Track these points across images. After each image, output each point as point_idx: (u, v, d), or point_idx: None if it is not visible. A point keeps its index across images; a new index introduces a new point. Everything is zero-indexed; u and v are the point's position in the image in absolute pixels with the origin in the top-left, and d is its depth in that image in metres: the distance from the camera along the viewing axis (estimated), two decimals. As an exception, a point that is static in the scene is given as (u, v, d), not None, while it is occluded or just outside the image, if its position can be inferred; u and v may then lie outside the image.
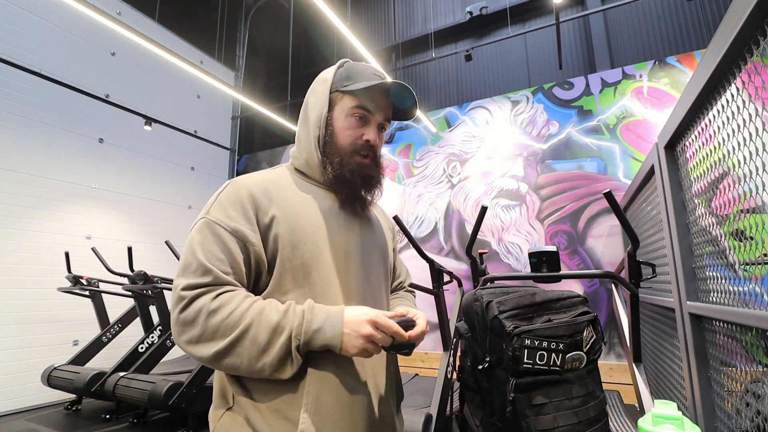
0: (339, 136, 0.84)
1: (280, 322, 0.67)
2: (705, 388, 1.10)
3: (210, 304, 0.67)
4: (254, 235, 0.74)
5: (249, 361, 0.66)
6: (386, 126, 0.89)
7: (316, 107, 0.85)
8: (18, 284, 3.72)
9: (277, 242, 0.74)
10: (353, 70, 0.85)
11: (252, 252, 0.73)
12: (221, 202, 0.75)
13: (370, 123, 0.85)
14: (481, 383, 1.01)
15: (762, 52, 0.73)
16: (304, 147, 0.86)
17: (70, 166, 4.24)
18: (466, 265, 4.38)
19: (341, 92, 0.84)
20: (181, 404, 2.72)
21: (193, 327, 0.66)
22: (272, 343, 0.67)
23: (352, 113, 0.83)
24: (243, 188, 0.76)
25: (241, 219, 0.74)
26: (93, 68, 4.55)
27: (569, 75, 4.97)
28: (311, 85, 0.89)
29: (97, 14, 2.94)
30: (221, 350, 0.66)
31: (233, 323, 0.66)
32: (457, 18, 5.92)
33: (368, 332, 0.68)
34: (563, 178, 4.13)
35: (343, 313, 0.70)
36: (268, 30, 7.24)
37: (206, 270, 0.69)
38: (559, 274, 1.25)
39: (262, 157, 6.41)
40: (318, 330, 0.68)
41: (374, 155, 0.87)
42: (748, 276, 0.89)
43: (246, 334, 0.66)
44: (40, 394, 3.68)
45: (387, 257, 0.93)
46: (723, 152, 0.95)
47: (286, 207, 0.78)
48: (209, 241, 0.71)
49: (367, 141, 0.84)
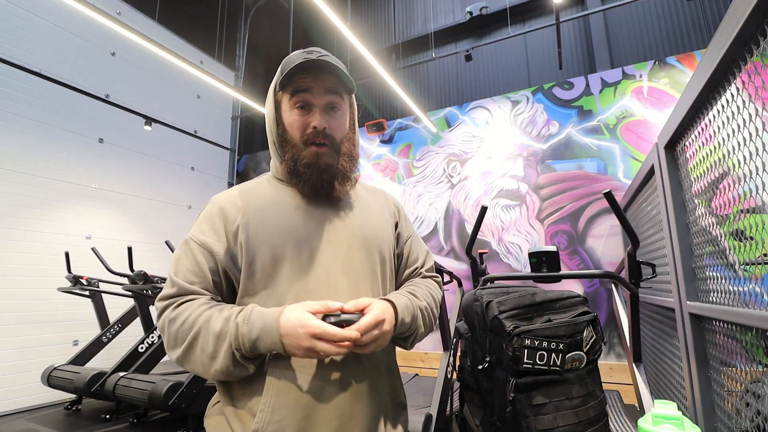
0: (290, 133, 0.83)
1: (221, 329, 0.69)
2: (705, 388, 1.10)
3: (171, 314, 0.73)
4: (219, 245, 0.77)
5: (203, 367, 0.70)
6: (338, 104, 0.83)
7: (268, 112, 0.87)
8: (18, 284, 3.72)
9: (242, 248, 0.77)
10: (285, 63, 0.81)
11: (218, 262, 0.77)
12: (199, 219, 0.82)
13: (313, 108, 0.81)
14: (481, 383, 1.01)
15: (762, 52, 0.73)
16: (271, 153, 0.88)
17: (70, 166, 4.24)
18: (466, 265, 4.38)
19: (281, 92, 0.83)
20: (181, 404, 2.73)
21: (163, 334, 0.74)
22: (218, 350, 0.68)
23: (293, 106, 0.81)
24: (215, 204, 0.82)
25: (210, 232, 0.79)
26: (93, 68, 4.55)
27: (569, 75, 4.96)
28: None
29: (97, 14, 2.94)
30: (180, 356, 0.71)
31: (186, 331, 0.70)
32: (457, 18, 5.92)
33: (309, 345, 0.65)
34: (563, 178, 4.13)
35: (279, 319, 0.67)
36: (268, 30, 7.23)
37: (173, 282, 0.76)
38: (559, 274, 1.25)
39: (262, 157, 6.41)
40: (257, 339, 0.67)
41: (332, 141, 0.82)
42: (748, 276, 0.89)
43: (196, 342, 0.70)
44: (40, 394, 3.68)
45: (376, 246, 0.86)
46: (723, 152, 0.95)
47: (255, 213, 0.80)
48: (184, 257, 0.78)
49: (315, 127, 0.80)
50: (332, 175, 0.82)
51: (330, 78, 0.81)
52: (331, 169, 0.82)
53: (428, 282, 0.94)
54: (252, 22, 7.09)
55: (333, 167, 0.82)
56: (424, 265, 0.96)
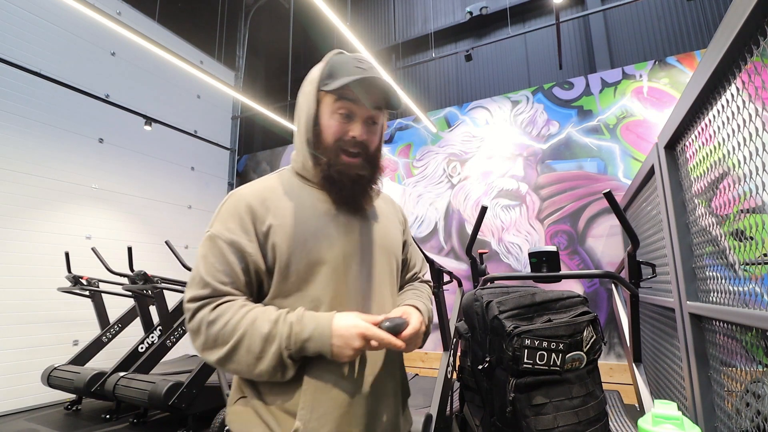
0: (326, 135, 0.83)
1: (270, 331, 0.70)
2: (705, 388, 1.10)
3: (208, 316, 0.72)
4: (251, 245, 0.76)
5: (247, 368, 0.71)
6: (377, 118, 0.86)
7: (305, 109, 0.84)
8: (18, 284, 3.72)
9: (275, 250, 0.77)
10: (335, 65, 0.83)
11: (250, 262, 0.76)
12: (222, 215, 0.80)
13: (355, 118, 0.83)
14: (481, 383, 1.01)
15: (762, 52, 0.73)
16: (299, 150, 0.86)
17: (70, 166, 4.23)
18: (466, 265, 4.38)
19: (324, 91, 0.82)
20: (181, 404, 2.72)
21: (198, 336, 0.72)
22: (265, 351, 0.70)
23: (336, 110, 0.82)
24: (241, 200, 0.79)
25: (239, 231, 0.77)
26: (93, 68, 4.55)
27: (569, 75, 4.96)
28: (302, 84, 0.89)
29: (97, 14, 2.94)
30: (222, 357, 0.71)
31: (229, 333, 0.70)
32: (457, 18, 5.92)
33: (359, 346, 0.70)
34: (563, 178, 4.13)
35: (332, 322, 0.71)
36: (268, 30, 7.23)
37: (205, 283, 0.74)
38: (559, 274, 1.25)
39: (262, 157, 6.41)
40: (308, 340, 0.70)
41: (366, 152, 0.85)
42: (748, 276, 0.89)
43: (241, 344, 0.70)
44: (40, 394, 3.68)
45: (393, 254, 0.91)
46: (723, 152, 0.95)
47: (284, 214, 0.79)
48: (211, 255, 0.76)
49: (353, 137, 0.82)
50: (364, 186, 0.85)
51: (377, 94, 0.83)
52: (364, 180, 0.85)
53: (426, 287, 1.02)
54: (252, 22, 7.09)
55: (365, 178, 0.85)
56: (420, 270, 1.06)
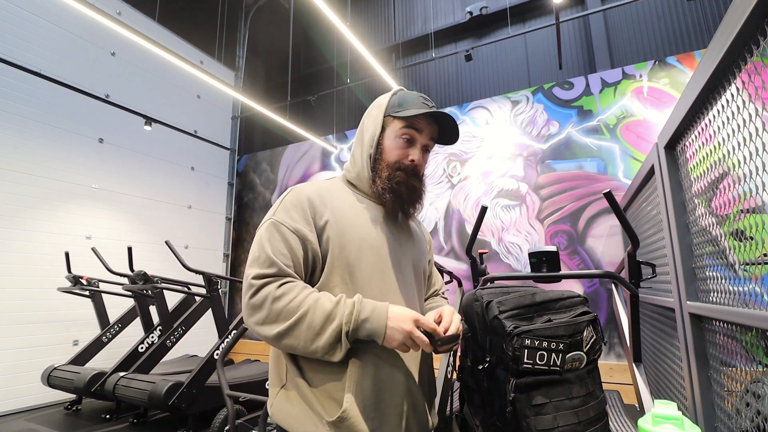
0: (387, 155, 0.95)
1: (332, 310, 0.77)
2: (705, 388, 1.10)
3: (275, 292, 0.78)
4: (312, 234, 0.85)
5: (305, 343, 0.77)
6: (430, 147, 0.99)
7: (371, 129, 0.97)
8: (18, 284, 3.72)
9: (328, 243, 0.86)
10: (405, 98, 0.97)
11: (310, 249, 0.85)
12: (285, 205, 0.87)
13: (415, 144, 0.96)
14: (481, 383, 1.01)
15: (762, 52, 0.73)
16: (357, 163, 0.98)
17: (70, 166, 4.24)
18: (466, 265, 4.38)
19: (393, 117, 0.95)
20: (181, 404, 2.72)
21: (260, 310, 0.78)
22: (325, 328, 0.77)
23: (400, 135, 0.95)
24: (303, 194, 0.88)
25: (302, 220, 0.85)
26: (93, 68, 4.55)
27: (569, 75, 4.96)
28: (368, 108, 1.02)
29: (97, 14, 2.94)
30: (282, 331, 0.77)
31: (293, 309, 0.77)
32: (457, 18, 5.92)
33: (410, 328, 0.77)
34: (563, 178, 4.13)
35: (388, 308, 0.79)
36: (268, 30, 7.23)
37: (272, 262, 0.81)
38: (559, 274, 1.25)
39: (262, 157, 6.40)
40: (366, 320, 0.77)
41: (417, 173, 0.97)
42: (748, 276, 0.89)
43: (303, 319, 0.77)
44: (40, 394, 3.68)
45: (420, 267, 1.02)
46: (723, 152, 0.95)
47: (338, 213, 0.89)
48: (275, 239, 0.83)
49: (413, 161, 0.95)
50: (417, 197, 0.97)
51: (434, 128, 0.98)
52: (417, 191, 0.97)
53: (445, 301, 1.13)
54: (252, 22, 7.09)
55: (418, 190, 0.97)
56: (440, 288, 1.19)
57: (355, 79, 5.82)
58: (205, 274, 3.33)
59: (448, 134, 1.00)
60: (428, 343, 0.78)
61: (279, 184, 6.12)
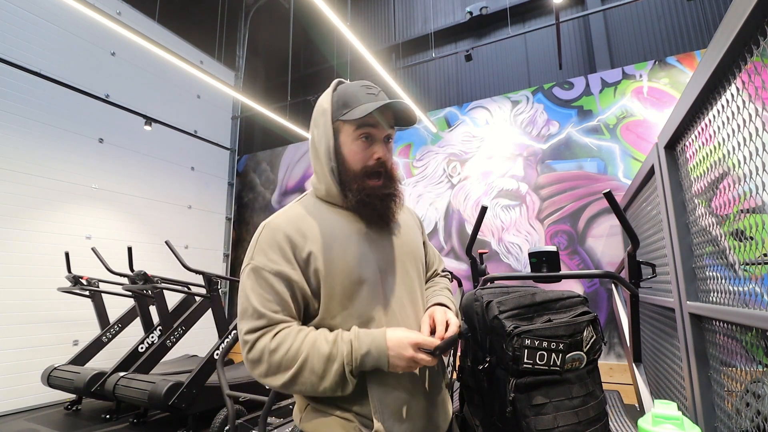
0: (350, 163, 0.88)
1: (330, 351, 0.76)
2: (705, 388, 1.10)
3: (270, 344, 0.76)
4: (296, 273, 0.81)
5: (312, 387, 0.76)
6: (392, 135, 0.92)
7: (323, 140, 0.89)
8: (18, 284, 3.72)
9: (318, 275, 0.82)
10: (346, 95, 0.88)
11: (297, 288, 0.81)
12: (261, 246, 0.83)
13: (376, 140, 0.88)
14: (481, 383, 1.01)
15: (762, 52, 0.73)
16: (321, 179, 0.91)
17: (70, 166, 4.24)
18: (466, 265, 4.38)
19: (342, 121, 0.87)
20: (181, 404, 2.72)
21: (260, 364, 0.77)
22: (327, 371, 0.76)
23: (357, 137, 0.87)
24: (278, 231, 0.83)
25: (282, 261, 0.81)
26: (93, 68, 4.55)
27: (569, 75, 4.96)
28: (312, 116, 0.93)
29: (97, 14, 2.94)
30: (287, 381, 0.76)
31: (292, 358, 0.76)
32: (457, 18, 5.92)
33: (411, 355, 0.76)
34: (563, 178, 4.13)
35: (385, 336, 0.78)
36: (268, 30, 7.23)
37: (260, 314, 0.78)
38: (559, 274, 1.25)
39: (262, 157, 6.41)
40: (367, 354, 0.76)
41: (386, 170, 0.90)
42: (748, 276, 0.89)
43: (304, 366, 0.76)
44: (40, 394, 3.68)
45: (419, 259, 0.99)
46: (723, 152, 0.95)
47: (320, 240, 0.83)
48: (258, 286, 0.80)
49: (378, 158, 0.88)
50: (392, 201, 0.91)
51: (389, 113, 0.90)
52: (392, 197, 0.91)
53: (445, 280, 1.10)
54: (252, 22, 7.09)
55: (391, 194, 0.91)
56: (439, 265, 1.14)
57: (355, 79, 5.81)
58: (205, 274, 3.33)
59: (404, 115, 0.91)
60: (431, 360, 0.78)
61: (279, 184, 6.13)
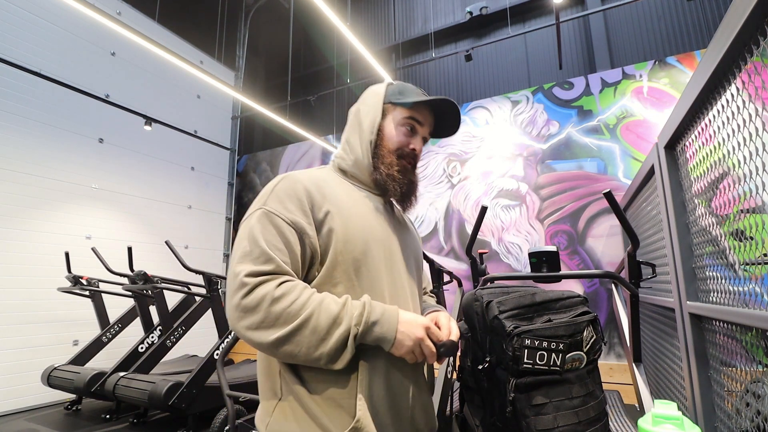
0: (388, 142, 0.91)
1: (339, 312, 0.70)
2: (705, 388, 1.10)
3: (274, 292, 0.69)
4: (311, 228, 0.77)
5: (307, 349, 0.69)
6: (428, 140, 0.97)
7: (370, 115, 0.91)
8: (18, 284, 3.72)
9: (330, 236, 0.78)
10: (404, 87, 0.94)
11: (308, 244, 0.76)
12: (278, 194, 0.78)
13: (417, 134, 0.93)
14: (481, 383, 1.01)
15: (762, 52, 0.73)
16: (356, 150, 0.91)
17: (70, 166, 4.24)
18: (466, 265, 4.38)
19: (394, 104, 0.92)
20: (181, 404, 2.72)
21: (254, 313, 0.68)
22: (331, 332, 0.69)
23: (403, 123, 0.91)
24: (298, 183, 0.79)
25: (299, 212, 0.77)
26: (93, 68, 4.55)
27: (569, 75, 4.96)
28: (361, 96, 0.98)
29: (97, 14, 2.94)
30: (281, 337, 0.68)
31: (295, 312, 0.68)
32: (457, 18, 5.92)
33: (421, 335, 0.74)
34: (563, 178, 4.13)
35: (398, 312, 0.74)
36: (268, 30, 7.23)
37: (269, 258, 0.71)
38: (559, 274, 1.25)
39: (262, 157, 6.40)
40: (376, 323, 0.71)
41: (415, 164, 0.95)
42: (748, 276, 0.89)
43: (307, 323, 0.68)
44: (40, 394, 3.68)
45: (420, 261, 1.00)
46: (723, 152, 0.95)
47: (338, 204, 0.81)
48: (269, 231, 0.74)
49: (413, 150, 0.92)
50: (414, 190, 0.95)
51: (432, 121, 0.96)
52: (413, 185, 0.95)
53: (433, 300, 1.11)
54: (252, 22, 7.09)
55: (415, 184, 0.95)
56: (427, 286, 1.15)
57: (355, 79, 5.82)
58: (205, 274, 3.33)
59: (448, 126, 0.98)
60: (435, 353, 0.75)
61: (279, 184, 6.12)
